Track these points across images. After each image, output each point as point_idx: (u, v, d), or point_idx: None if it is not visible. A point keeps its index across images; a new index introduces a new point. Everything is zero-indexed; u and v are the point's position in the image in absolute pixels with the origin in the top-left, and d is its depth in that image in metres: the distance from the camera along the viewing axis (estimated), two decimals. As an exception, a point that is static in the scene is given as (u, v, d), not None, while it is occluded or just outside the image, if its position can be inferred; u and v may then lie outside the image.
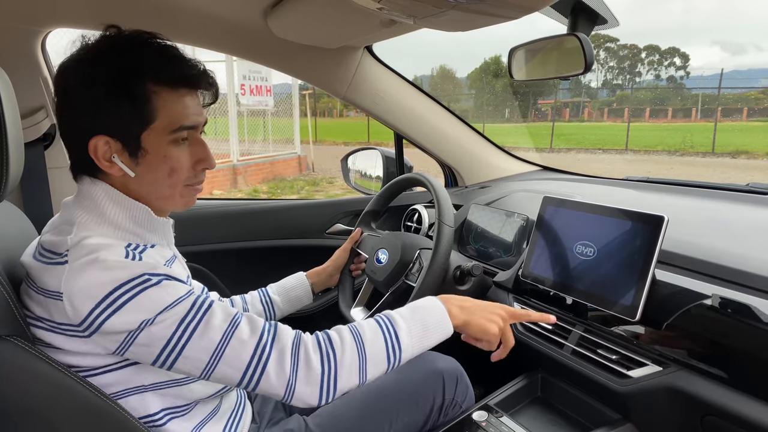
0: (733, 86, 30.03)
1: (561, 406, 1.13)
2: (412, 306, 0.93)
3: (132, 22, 0.87)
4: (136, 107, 0.80)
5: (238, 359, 0.78)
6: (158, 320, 0.75)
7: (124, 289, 0.74)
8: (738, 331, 0.83)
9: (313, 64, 1.62)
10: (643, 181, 1.64)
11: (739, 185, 1.41)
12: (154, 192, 0.86)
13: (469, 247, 1.50)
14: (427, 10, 0.95)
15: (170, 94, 0.82)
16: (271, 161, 10.54)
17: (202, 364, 0.78)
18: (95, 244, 0.78)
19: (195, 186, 0.90)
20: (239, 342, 0.79)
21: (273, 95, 10.37)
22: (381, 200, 1.52)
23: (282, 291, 1.32)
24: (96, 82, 0.79)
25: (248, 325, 0.81)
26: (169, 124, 0.82)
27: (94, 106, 0.79)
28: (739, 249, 0.98)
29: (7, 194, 0.81)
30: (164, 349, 0.76)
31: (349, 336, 0.85)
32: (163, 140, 0.83)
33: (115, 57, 0.80)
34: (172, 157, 0.84)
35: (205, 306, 0.79)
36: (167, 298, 0.77)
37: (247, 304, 1.29)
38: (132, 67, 0.80)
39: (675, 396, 0.87)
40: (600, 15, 1.21)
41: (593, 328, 1.04)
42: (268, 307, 1.30)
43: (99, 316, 0.74)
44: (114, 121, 0.80)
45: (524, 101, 28.43)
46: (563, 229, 1.13)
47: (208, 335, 0.78)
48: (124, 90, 0.79)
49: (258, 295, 1.31)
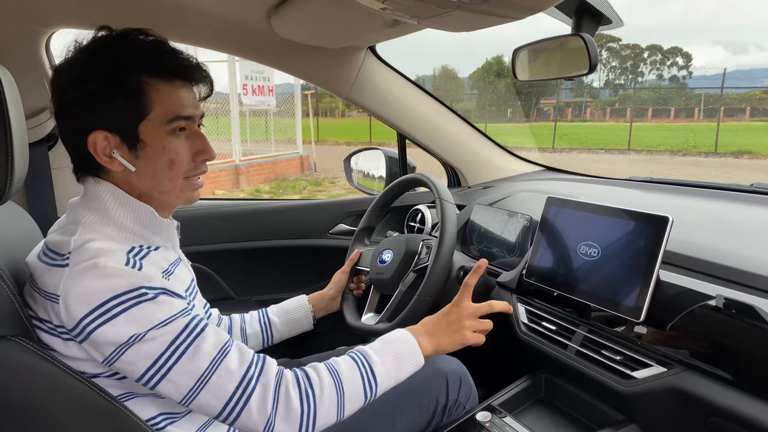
0: (736, 86, 29.94)
1: (565, 407, 1.12)
2: (384, 339, 0.94)
3: (136, 23, 0.88)
4: (131, 100, 0.81)
5: (223, 389, 0.78)
6: (148, 337, 0.75)
7: (119, 300, 0.74)
8: (743, 331, 0.83)
9: (316, 65, 1.62)
10: (646, 182, 1.63)
11: (743, 185, 1.40)
12: (155, 186, 0.86)
13: (472, 248, 1.50)
14: (431, 10, 0.95)
15: (165, 85, 0.83)
16: (273, 161, 10.55)
17: (185, 389, 0.77)
18: (97, 249, 0.78)
19: (195, 179, 0.90)
20: (226, 371, 0.78)
21: (275, 95, 10.39)
22: (372, 215, 1.51)
23: (282, 313, 1.31)
24: (88, 80, 0.80)
25: (238, 355, 0.80)
26: (165, 114, 0.83)
27: (89, 102, 0.81)
28: (743, 249, 0.98)
29: (12, 195, 0.81)
30: (150, 368, 0.76)
31: (326, 374, 0.85)
32: (161, 131, 0.84)
33: (106, 53, 0.82)
34: (171, 148, 0.85)
35: (198, 330, 0.79)
36: (160, 314, 0.76)
37: (245, 323, 1.27)
38: (122, 61, 0.81)
39: (679, 397, 0.87)
40: (604, 15, 1.21)
41: (597, 329, 1.04)
42: (265, 328, 1.28)
43: (91, 323, 0.74)
44: (110, 115, 0.81)
45: (527, 101, 28.39)
46: (567, 229, 1.12)
47: (196, 360, 0.77)
48: (117, 83, 0.80)
49: (257, 316, 1.29)
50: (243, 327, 1.27)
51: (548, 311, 1.15)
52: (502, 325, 1.25)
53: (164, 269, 0.86)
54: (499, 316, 1.26)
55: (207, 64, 0.90)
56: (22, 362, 0.76)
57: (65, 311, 0.75)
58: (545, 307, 1.16)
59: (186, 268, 0.97)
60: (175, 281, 0.87)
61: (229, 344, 0.81)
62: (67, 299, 0.75)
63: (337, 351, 1.36)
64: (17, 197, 1.44)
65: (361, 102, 1.73)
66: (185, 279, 0.93)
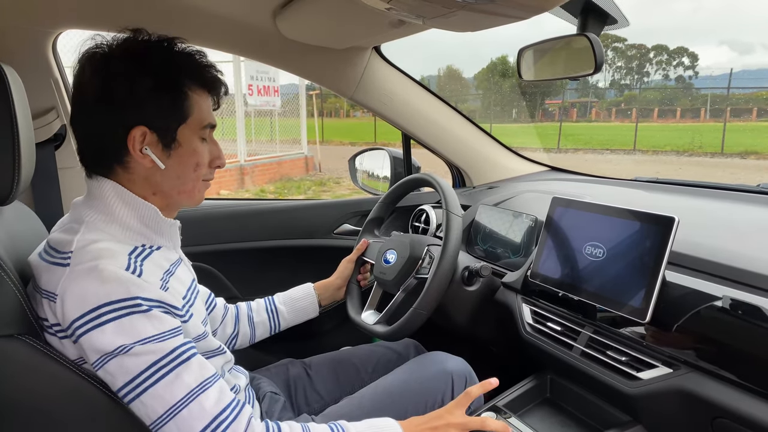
0: (743, 86, 29.75)
1: (570, 408, 1.12)
2: (368, 422, 0.92)
3: (142, 23, 0.88)
4: (178, 102, 0.85)
5: (190, 426, 0.76)
6: (134, 351, 0.75)
7: (113, 308, 0.75)
8: (749, 332, 0.82)
9: (322, 65, 1.63)
10: (652, 182, 1.63)
11: (750, 186, 1.40)
12: (177, 186, 0.89)
13: (477, 248, 1.50)
14: (436, 10, 0.95)
15: (200, 94, 0.88)
16: (278, 161, 10.56)
17: (155, 415, 0.76)
18: (100, 250, 0.78)
19: (207, 182, 0.95)
20: (200, 408, 0.77)
21: (280, 95, 10.40)
22: (383, 206, 1.51)
23: (289, 301, 1.32)
24: (144, 77, 0.82)
25: (216, 395, 0.80)
26: (200, 120, 0.88)
27: (139, 97, 0.82)
28: (749, 250, 0.97)
29: (19, 194, 0.82)
30: (127, 384, 0.76)
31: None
32: (195, 135, 0.88)
33: (159, 53, 0.85)
34: (199, 152, 0.89)
35: (184, 357, 0.78)
36: (150, 329, 0.76)
37: (252, 312, 1.29)
38: (175, 63, 0.85)
39: (685, 398, 0.87)
40: (610, 15, 1.20)
41: (602, 330, 1.03)
42: (273, 316, 1.30)
43: (81, 327, 0.74)
44: (156, 113, 0.84)
45: (532, 101, 28.34)
46: (572, 229, 1.12)
47: (173, 388, 0.76)
48: (170, 85, 0.84)
49: (264, 304, 1.31)
50: (250, 315, 1.28)
51: (553, 312, 1.14)
52: (507, 325, 1.25)
53: (166, 269, 0.87)
54: (504, 314, 1.26)
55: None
56: (29, 361, 0.76)
57: (61, 310, 0.76)
58: (550, 308, 1.16)
59: (187, 268, 0.97)
60: (175, 283, 0.87)
61: (211, 381, 0.80)
62: (63, 299, 0.76)
63: (341, 351, 1.37)
64: (24, 197, 1.44)
65: (365, 102, 1.73)
66: (186, 279, 0.94)
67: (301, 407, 1.21)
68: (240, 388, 1.04)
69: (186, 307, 0.87)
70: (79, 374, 0.78)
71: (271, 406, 1.12)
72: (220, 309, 1.21)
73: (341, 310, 1.40)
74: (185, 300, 0.88)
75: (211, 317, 1.16)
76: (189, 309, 0.88)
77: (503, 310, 1.27)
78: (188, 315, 0.86)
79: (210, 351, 0.93)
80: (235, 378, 1.06)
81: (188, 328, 0.85)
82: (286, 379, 1.25)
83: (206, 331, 0.91)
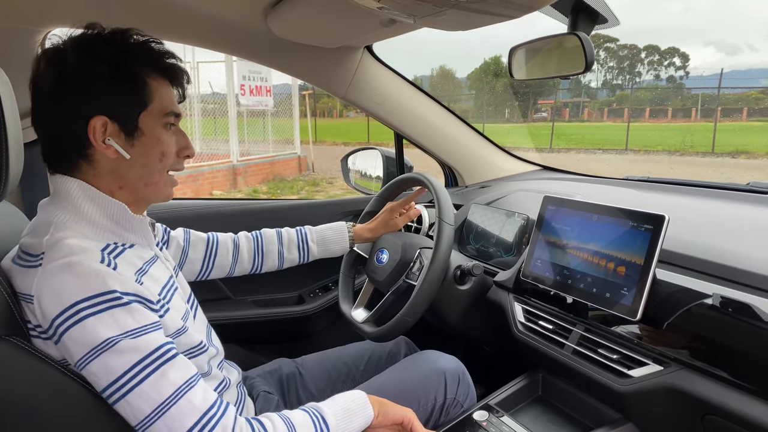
0: (733, 86, 29.99)
1: (562, 406, 1.13)
2: (334, 396, 0.94)
3: (132, 22, 0.88)
4: (136, 89, 0.84)
5: (180, 423, 0.76)
6: (118, 348, 0.74)
7: (91, 303, 0.73)
8: (739, 330, 0.83)
9: (313, 64, 1.62)
10: (644, 181, 1.64)
11: (740, 184, 1.41)
12: (144, 177, 0.88)
13: (469, 247, 1.50)
14: (427, 9, 0.95)
15: (160, 82, 0.87)
16: (271, 161, 10.54)
17: (141, 415, 0.75)
18: (71, 246, 0.77)
19: (174, 176, 0.94)
20: (189, 404, 0.76)
21: (273, 95, 10.37)
22: (380, 200, 1.52)
23: (321, 242, 1.36)
24: (96, 66, 0.81)
25: (202, 392, 0.79)
26: (162, 108, 0.87)
27: (95, 86, 0.82)
28: (739, 248, 0.98)
29: (7, 195, 0.81)
30: (111, 384, 0.74)
31: (280, 423, 0.84)
32: (157, 123, 0.87)
33: (113, 43, 0.84)
34: (164, 140, 0.88)
35: (168, 355, 0.77)
36: (132, 322, 0.75)
37: (283, 247, 1.32)
38: (130, 51, 0.85)
39: (676, 395, 0.87)
40: (600, 14, 1.21)
41: (594, 328, 1.04)
42: (304, 255, 1.34)
43: (62, 324, 0.73)
44: (114, 102, 0.83)
45: (524, 101, 28.42)
46: (564, 228, 1.13)
47: (159, 387, 0.75)
48: (125, 71, 0.83)
49: (296, 241, 1.34)
50: (281, 251, 1.31)
51: (545, 310, 1.15)
52: (499, 324, 1.25)
53: (138, 268, 0.85)
54: (496, 313, 1.27)
55: (204, 65, 0.92)
56: (16, 361, 0.75)
57: (39, 311, 0.75)
58: (542, 306, 1.16)
59: (164, 266, 0.95)
60: (149, 282, 0.85)
61: (195, 378, 0.80)
62: (40, 298, 0.75)
63: (333, 350, 1.36)
64: (12, 197, 1.43)
65: (358, 102, 1.73)
66: (161, 277, 0.91)
67: (294, 406, 1.20)
68: (231, 382, 1.03)
69: (161, 302, 0.85)
70: (67, 374, 0.78)
71: (264, 405, 1.12)
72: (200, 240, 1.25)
73: (333, 310, 1.40)
74: (160, 296, 0.86)
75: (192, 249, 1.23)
76: (165, 305, 0.86)
77: (495, 308, 1.27)
78: (163, 310, 0.84)
79: (192, 348, 0.91)
80: (227, 372, 1.04)
81: (166, 322, 0.84)
82: (279, 378, 1.25)
83: (185, 326, 0.89)
